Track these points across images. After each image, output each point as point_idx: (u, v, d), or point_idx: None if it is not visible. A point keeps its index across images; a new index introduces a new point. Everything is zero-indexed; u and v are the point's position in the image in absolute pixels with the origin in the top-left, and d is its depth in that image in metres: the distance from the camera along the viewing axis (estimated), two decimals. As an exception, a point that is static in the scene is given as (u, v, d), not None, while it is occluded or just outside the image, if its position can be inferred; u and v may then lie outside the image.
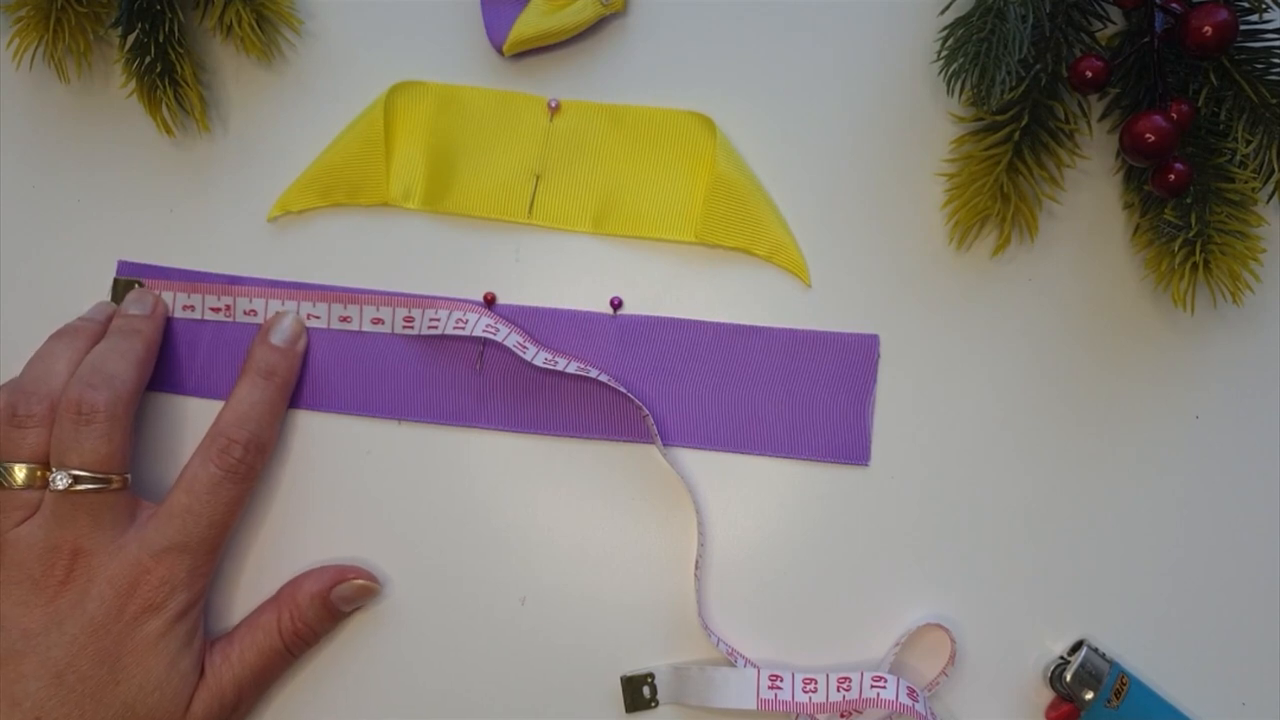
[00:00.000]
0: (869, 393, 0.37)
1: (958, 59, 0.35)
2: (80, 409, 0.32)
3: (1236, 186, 0.35)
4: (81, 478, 0.31)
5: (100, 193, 0.38)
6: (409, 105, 0.38)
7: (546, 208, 0.38)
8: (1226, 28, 0.33)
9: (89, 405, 0.32)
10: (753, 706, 0.34)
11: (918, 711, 0.34)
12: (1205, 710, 0.36)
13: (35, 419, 0.32)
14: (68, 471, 0.31)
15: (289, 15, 0.38)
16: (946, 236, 0.38)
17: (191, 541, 0.32)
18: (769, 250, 0.37)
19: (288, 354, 0.36)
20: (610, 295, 0.37)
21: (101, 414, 0.32)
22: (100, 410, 0.32)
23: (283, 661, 0.34)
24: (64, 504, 0.31)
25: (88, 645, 0.31)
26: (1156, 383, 0.37)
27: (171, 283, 0.37)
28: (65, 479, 0.31)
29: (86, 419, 0.32)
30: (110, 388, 0.32)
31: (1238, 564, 0.36)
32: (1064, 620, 0.36)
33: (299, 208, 0.38)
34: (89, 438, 0.32)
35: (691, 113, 0.38)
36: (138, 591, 0.31)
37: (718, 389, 0.37)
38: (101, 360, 0.33)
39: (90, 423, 0.32)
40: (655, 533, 0.36)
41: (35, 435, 0.32)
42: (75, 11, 0.36)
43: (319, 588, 0.35)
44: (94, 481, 0.32)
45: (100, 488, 0.32)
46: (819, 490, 0.37)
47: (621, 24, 0.39)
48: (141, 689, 0.31)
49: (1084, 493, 0.37)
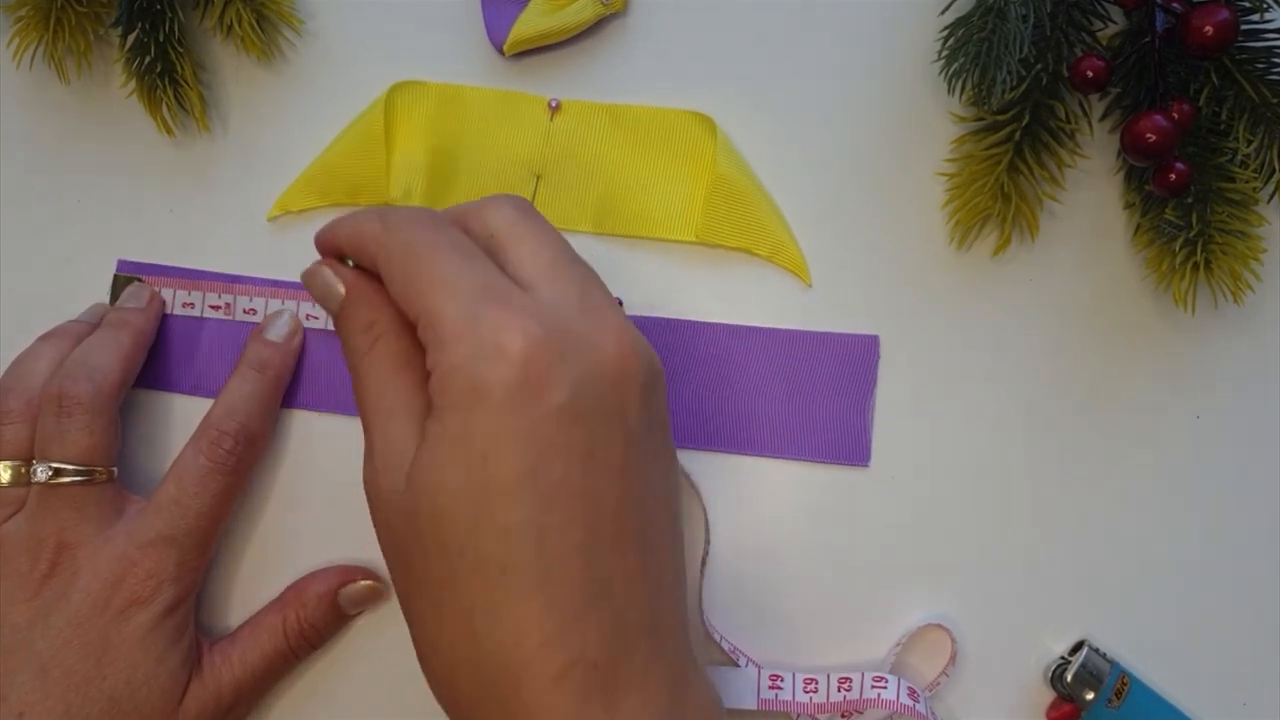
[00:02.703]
0: (869, 394, 0.37)
1: (958, 59, 0.35)
2: (61, 401, 0.32)
3: (1237, 186, 0.35)
4: (64, 470, 0.31)
5: (100, 193, 0.38)
6: (409, 105, 0.38)
7: (547, 207, 0.38)
8: (1227, 27, 0.33)
9: (70, 397, 0.32)
10: (753, 706, 0.34)
11: (919, 712, 0.34)
12: (1206, 710, 0.36)
13: (14, 415, 0.32)
14: (49, 464, 0.31)
15: (289, 15, 0.38)
16: (947, 236, 0.38)
17: (179, 534, 0.32)
18: (769, 250, 0.37)
19: (281, 349, 0.36)
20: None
21: (83, 405, 0.32)
22: (82, 402, 0.32)
23: (285, 663, 0.34)
24: (48, 497, 0.31)
25: (73, 639, 0.30)
26: (1157, 383, 0.37)
27: (171, 280, 0.37)
28: (46, 471, 0.31)
29: (68, 411, 0.32)
30: (92, 380, 0.32)
31: (1238, 564, 0.36)
32: (1065, 620, 0.36)
33: (299, 207, 0.38)
34: (71, 429, 0.32)
35: (691, 113, 0.38)
36: (124, 584, 0.31)
37: (717, 390, 0.37)
38: (86, 353, 0.33)
39: (71, 414, 0.32)
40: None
41: (14, 431, 0.32)
42: (75, 11, 0.36)
43: (325, 588, 0.35)
44: (77, 474, 0.31)
45: (84, 480, 0.32)
46: (819, 491, 0.37)
47: (621, 24, 0.39)
48: (129, 684, 0.31)
49: (1085, 493, 0.37)
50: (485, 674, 0.24)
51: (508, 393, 0.23)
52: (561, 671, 0.23)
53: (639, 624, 0.24)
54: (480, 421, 0.23)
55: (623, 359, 0.25)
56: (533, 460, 0.23)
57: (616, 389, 0.25)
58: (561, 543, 0.23)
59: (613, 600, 0.24)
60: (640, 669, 0.24)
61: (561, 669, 0.23)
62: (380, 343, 0.27)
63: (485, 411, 0.23)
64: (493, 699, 0.24)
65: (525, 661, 0.23)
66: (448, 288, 0.24)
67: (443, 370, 0.24)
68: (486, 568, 0.23)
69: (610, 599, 0.24)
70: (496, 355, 0.23)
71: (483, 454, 0.23)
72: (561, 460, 0.23)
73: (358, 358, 0.28)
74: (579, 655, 0.23)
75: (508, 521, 0.23)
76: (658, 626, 0.25)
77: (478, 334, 0.24)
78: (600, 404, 0.24)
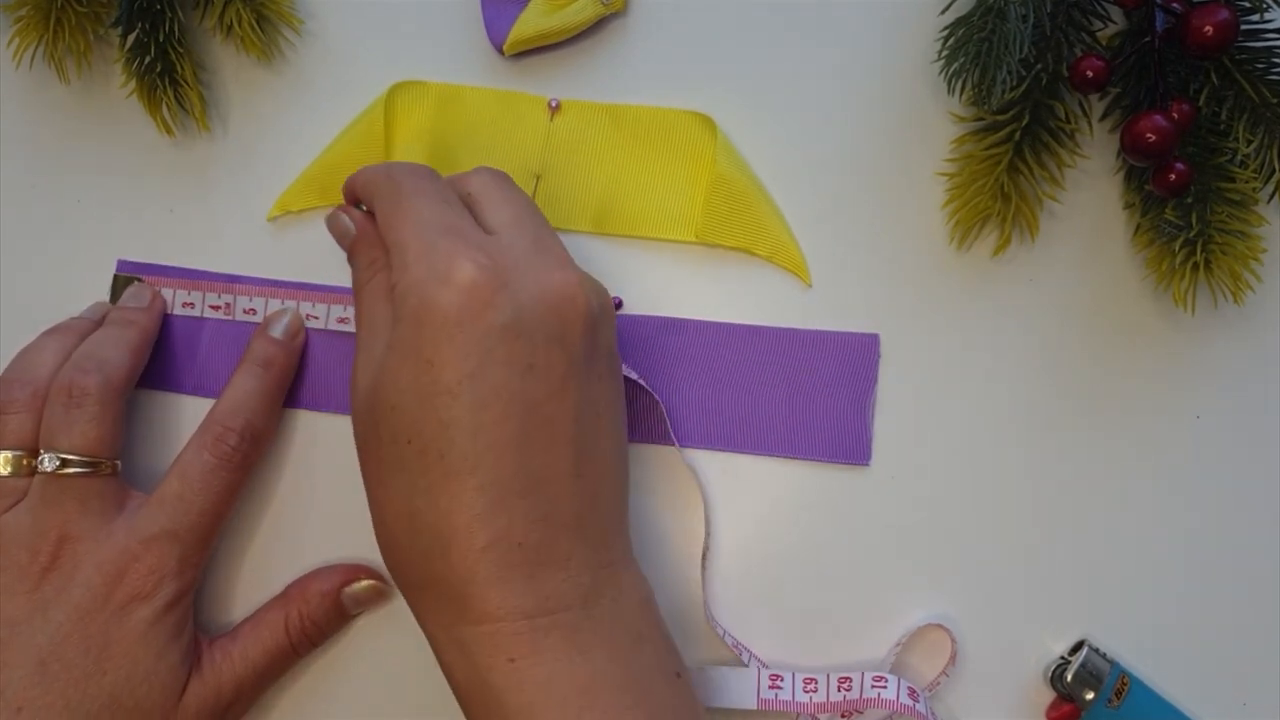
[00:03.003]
0: (869, 393, 0.37)
1: (958, 59, 0.35)
2: (71, 392, 0.32)
3: (1237, 186, 0.35)
4: (70, 461, 0.31)
5: (100, 193, 0.38)
6: (409, 105, 0.38)
7: (547, 207, 0.38)
8: (1227, 27, 0.33)
9: (80, 388, 0.32)
10: (753, 706, 0.34)
11: (918, 711, 0.34)
12: (1206, 710, 0.36)
13: (18, 405, 0.32)
14: (56, 454, 0.31)
15: (289, 15, 0.38)
16: (947, 236, 0.38)
17: (182, 529, 0.32)
18: (769, 250, 0.37)
19: (286, 346, 0.36)
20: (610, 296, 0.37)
21: (92, 397, 0.32)
22: (91, 393, 0.32)
23: (287, 660, 0.34)
24: (52, 488, 0.31)
25: (72, 633, 0.30)
26: (1157, 383, 0.37)
27: (171, 280, 0.37)
28: (53, 461, 0.31)
29: (77, 402, 0.32)
30: (102, 372, 0.32)
31: (1238, 564, 0.36)
32: (1065, 620, 0.36)
33: (299, 207, 0.38)
34: (79, 421, 0.32)
35: (691, 113, 0.38)
36: (126, 579, 0.31)
37: (718, 389, 0.37)
38: (95, 347, 0.34)
39: (80, 405, 0.32)
40: (656, 533, 0.36)
41: (18, 422, 0.32)
42: (75, 11, 0.36)
43: (329, 586, 0.35)
44: (83, 465, 0.31)
45: (89, 472, 0.32)
46: (819, 491, 0.37)
47: (621, 24, 0.39)
48: (129, 680, 0.31)
49: (1085, 492, 0.37)
50: (422, 543, 0.27)
51: (453, 310, 0.27)
52: (487, 544, 0.27)
53: (567, 517, 0.28)
54: (427, 333, 0.27)
55: (567, 291, 0.28)
56: (472, 367, 0.27)
57: (558, 315, 0.28)
58: (495, 437, 0.27)
59: (541, 493, 0.27)
60: (564, 553, 0.28)
61: (487, 542, 0.27)
62: (378, 275, 0.30)
63: (432, 325, 0.27)
64: (427, 566, 0.27)
65: (454, 533, 0.27)
66: (417, 224, 0.29)
67: (401, 289, 0.28)
68: (427, 454, 0.27)
69: (539, 492, 0.27)
70: (445, 279, 0.27)
71: (429, 360, 0.27)
72: (500, 369, 0.27)
73: (359, 287, 0.31)
74: (504, 533, 0.27)
75: (447, 416, 0.27)
76: (584, 523, 0.28)
77: (432, 261, 0.27)
78: (542, 326, 0.28)
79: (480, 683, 0.27)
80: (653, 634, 0.29)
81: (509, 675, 0.27)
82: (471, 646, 0.27)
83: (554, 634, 0.27)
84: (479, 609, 0.27)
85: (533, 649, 0.27)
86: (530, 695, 0.26)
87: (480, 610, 0.27)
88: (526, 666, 0.27)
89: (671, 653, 0.30)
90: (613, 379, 0.30)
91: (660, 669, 0.29)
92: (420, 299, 0.27)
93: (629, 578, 0.30)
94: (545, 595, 0.27)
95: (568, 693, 0.26)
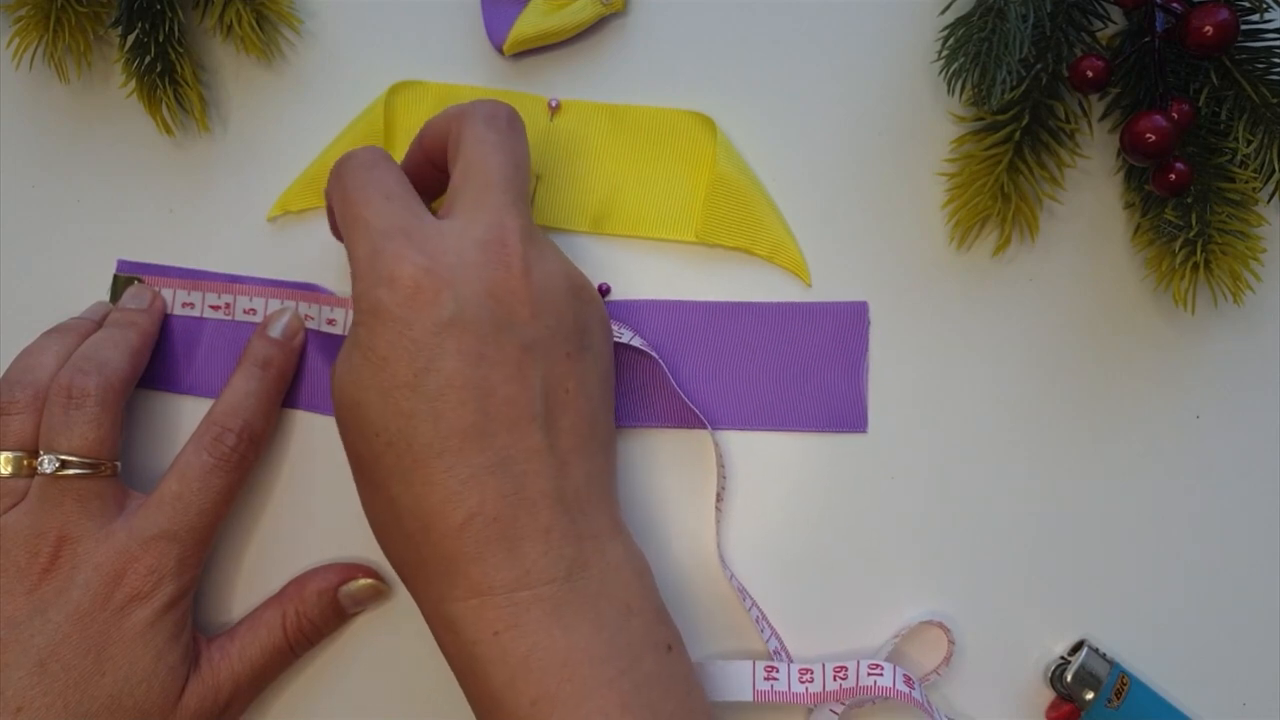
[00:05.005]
0: (862, 359, 0.37)
1: (958, 58, 0.35)
2: (70, 393, 0.32)
3: (1237, 186, 0.35)
4: (70, 462, 0.31)
5: (100, 193, 0.38)
6: (409, 105, 0.38)
7: (546, 207, 0.38)
8: (1227, 27, 0.33)
9: (79, 390, 0.32)
10: (749, 699, 0.34)
11: (915, 698, 0.34)
12: (1206, 710, 0.36)
13: (19, 405, 0.32)
14: (56, 455, 0.31)
15: (289, 15, 0.38)
16: (947, 236, 0.38)
17: (181, 530, 0.32)
18: (769, 250, 0.37)
19: (284, 347, 0.36)
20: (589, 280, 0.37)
21: (92, 398, 0.32)
22: (91, 395, 0.32)
23: (284, 659, 0.34)
24: (51, 489, 0.31)
25: (72, 634, 0.30)
26: (1157, 383, 0.37)
27: (171, 280, 0.37)
28: (53, 463, 0.31)
29: (77, 403, 0.32)
30: (101, 374, 0.33)
31: (1238, 564, 0.36)
32: (1064, 620, 0.36)
33: (299, 208, 0.38)
34: (78, 422, 0.32)
35: (691, 113, 0.38)
36: (125, 579, 0.31)
37: (710, 367, 0.37)
38: (94, 348, 0.34)
39: (80, 407, 0.32)
40: (655, 533, 0.36)
41: (19, 422, 0.32)
42: (75, 11, 0.36)
43: (326, 585, 0.35)
44: (82, 466, 0.32)
45: (89, 473, 0.32)
46: (819, 487, 0.37)
47: (621, 24, 0.39)
48: (128, 681, 0.31)
49: (1085, 492, 0.37)
50: (405, 527, 0.29)
51: (399, 310, 0.28)
52: (463, 521, 0.28)
53: (542, 490, 0.29)
54: (380, 333, 0.28)
55: (508, 282, 0.29)
56: (424, 362, 0.28)
57: (502, 304, 0.29)
58: (455, 423, 0.28)
59: (510, 470, 0.28)
60: (543, 525, 0.28)
61: (463, 520, 0.28)
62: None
63: (383, 326, 0.28)
64: (413, 549, 0.29)
65: (431, 514, 0.28)
66: (362, 229, 0.30)
67: (355, 294, 0.30)
68: (396, 444, 0.28)
69: (508, 469, 0.28)
70: (390, 282, 0.28)
71: (384, 357, 0.28)
72: (452, 360, 0.28)
73: None
74: (477, 510, 0.28)
75: (409, 408, 0.28)
76: (563, 494, 0.29)
77: (376, 267, 0.29)
78: (489, 316, 0.29)
79: (469, 657, 0.28)
80: (643, 606, 0.29)
81: (493, 648, 0.27)
82: (459, 623, 0.28)
83: (536, 608, 0.28)
84: (464, 585, 0.28)
85: (514, 622, 0.27)
86: (513, 668, 0.27)
87: (465, 586, 0.28)
88: (509, 640, 0.27)
89: (663, 625, 0.30)
90: (585, 354, 0.31)
91: (650, 642, 0.29)
92: (370, 302, 0.29)
93: (618, 549, 0.30)
94: (526, 569, 0.28)
95: (549, 665, 0.27)
